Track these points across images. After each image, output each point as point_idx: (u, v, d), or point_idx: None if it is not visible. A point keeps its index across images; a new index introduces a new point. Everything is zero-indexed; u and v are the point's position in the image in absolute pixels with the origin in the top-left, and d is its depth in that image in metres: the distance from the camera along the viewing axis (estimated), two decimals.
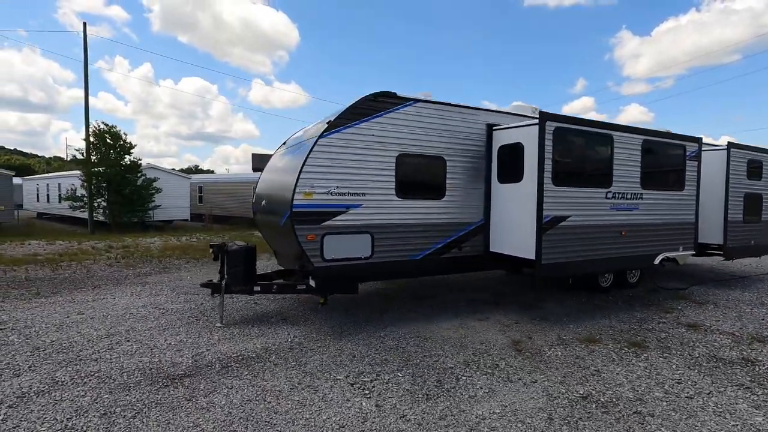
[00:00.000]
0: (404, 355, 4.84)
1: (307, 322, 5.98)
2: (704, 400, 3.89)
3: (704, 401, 3.86)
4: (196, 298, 7.34)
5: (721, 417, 3.60)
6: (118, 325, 5.80)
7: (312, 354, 4.86)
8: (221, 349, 4.97)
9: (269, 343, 5.16)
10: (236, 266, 5.74)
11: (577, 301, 7.28)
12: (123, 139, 21.74)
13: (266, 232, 6.58)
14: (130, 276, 9.22)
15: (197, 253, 12.52)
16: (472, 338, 5.43)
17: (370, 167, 5.52)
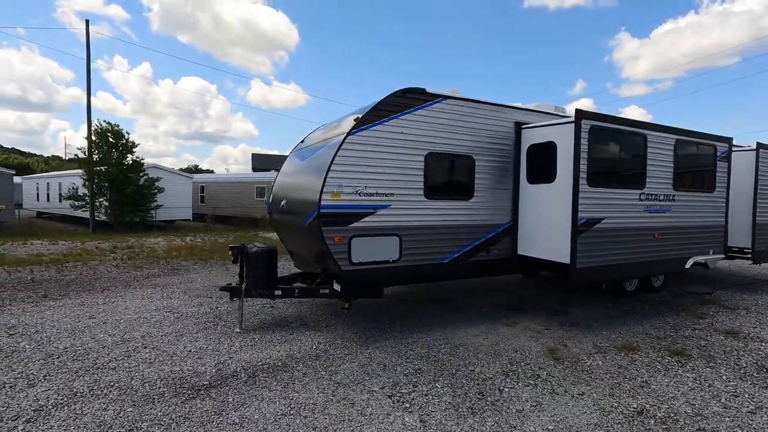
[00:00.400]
0: (438, 364, 4.60)
1: (329, 328, 5.74)
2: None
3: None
4: (209, 301, 7.09)
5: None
6: (133, 330, 5.54)
7: (340, 362, 4.62)
8: (244, 356, 4.72)
9: (293, 351, 4.91)
10: (257, 269, 5.49)
11: (603, 306, 7.06)
12: (126, 138, 21.47)
13: (285, 233, 6.34)
14: (139, 277, 8.96)
15: (204, 254, 12.27)
16: (504, 345, 5.20)
17: (399, 166, 5.29)
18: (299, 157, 6.25)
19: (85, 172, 20.65)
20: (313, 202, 4.92)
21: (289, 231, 6.08)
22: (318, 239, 4.92)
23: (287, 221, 5.99)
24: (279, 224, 6.49)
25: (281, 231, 6.57)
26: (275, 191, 6.78)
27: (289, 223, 5.94)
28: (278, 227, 6.63)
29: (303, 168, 5.73)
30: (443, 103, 5.57)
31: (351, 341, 5.26)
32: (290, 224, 5.90)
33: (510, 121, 6.14)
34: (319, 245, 5.00)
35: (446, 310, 6.67)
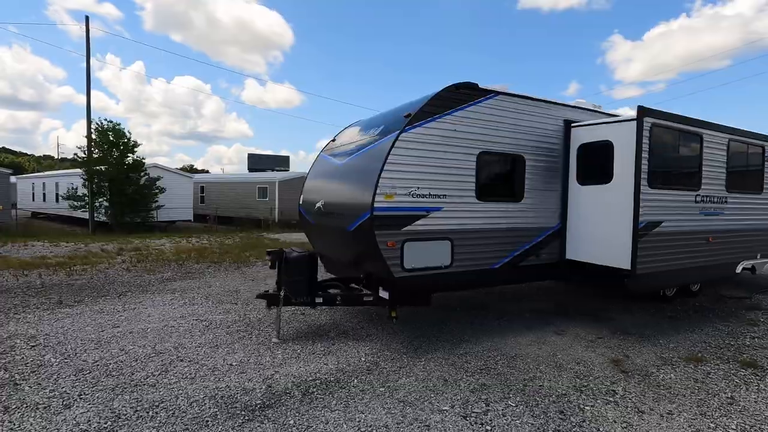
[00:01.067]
0: (501, 378, 4.29)
1: (371, 337, 5.40)
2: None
3: None
4: (235, 308, 6.72)
5: None
6: (163, 340, 5.17)
7: (396, 376, 4.29)
8: (291, 371, 4.37)
9: (341, 363, 4.57)
10: (298, 276, 5.14)
11: (646, 313, 6.79)
12: (127, 137, 20.94)
13: (321, 237, 5.99)
14: (154, 282, 8.56)
15: (215, 256, 11.86)
16: (563, 356, 4.90)
17: (451, 166, 4.97)
18: (336, 157, 5.91)
19: (85, 171, 20.10)
20: (362, 204, 4.58)
21: (327, 235, 5.73)
22: (368, 244, 4.59)
23: (324, 224, 5.64)
24: (312, 227, 6.14)
25: (315, 234, 6.22)
26: (307, 193, 6.44)
27: (326, 227, 5.60)
28: (311, 230, 6.28)
29: (345, 168, 5.39)
30: (495, 100, 5.26)
31: (398, 352, 4.93)
32: (328, 228, 5.55)
33: (558, 119, 5.85)
34: (369, 250, 4.67)
35: (485, 317, 6.36)
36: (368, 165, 4.79)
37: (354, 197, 4.85)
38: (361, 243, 4.77)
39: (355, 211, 4.74)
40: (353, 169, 5.18)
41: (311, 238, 6.47)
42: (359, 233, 4.70)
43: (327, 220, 5.56)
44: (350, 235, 4.93)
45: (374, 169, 4.57)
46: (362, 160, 5.05)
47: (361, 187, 4.75)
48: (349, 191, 5.05)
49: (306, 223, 6.39)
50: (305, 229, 6.57)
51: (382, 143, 4.78)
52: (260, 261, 11.32)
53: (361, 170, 4.96)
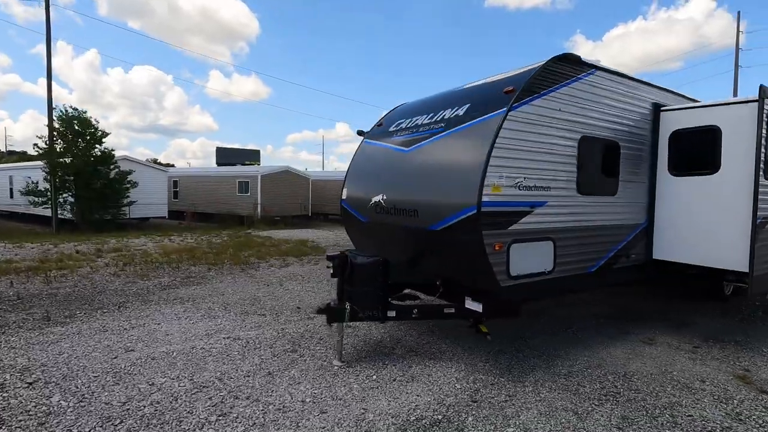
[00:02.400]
0: (636, 406, 3.57)
1: (450, 357, 4.57)
2: None
3: None
4: (265, 320, 5.72)
5: None
6: (199, 369, 4.14)
7: (515, 410, 3.49)
8: (382, 407, 3.49)
9: (437, 393, 3.73)
10: (369, 285, 4.24)
11: (715, 314, 6.30)
12: (94, 127, 19.01)
13: (381, 238, 5.08)
14: (153, 289, 7.37)
15: (210, 257, 10.64)
16: (678, 373, 4.25)
17: (555, 152, 4.20)
18: (396, 143, 5.01)
19: (47, 164, 18.08)
20: (461, 198, 3.74)
21: (390, 235, 4.83)
22: (467, 247, 3.76)
23: (387, 223, 4.75)
24: (365, 226, 5.23)
25: (369, 235, 5.31)
26: (354, 187, 5.51)
27: (389, 226, 4.71)
28: (362, 230, 5.36)
29: (420, 156, 4.51)
30: (595, 76, 4.53)
31: (492, 374, 4.14)
32: (393, 227, 4.67)
33: (647, 102, 5.20)
34: (467, 254, 3.84)
35: (547, 324, 5.67)
36: (465, 150, 3.95)
37: (443, 190, 3.99)
38: (453, 246, 3.93)
39: (447, 207, 3.89)
40: (436, 157, 4.31)
41: (361, 239, 5.55)
42: (453, 234, 3.85)
43: (391, 218, 4.67)
44: (435, 236, 4.07)
45: (478, 155, 3.73)
46: (451, 144, 4.18)
47: (456, 178, 3.90)
48: (432, 183, 4.19)
49: (353, 221, 5.47)
50: (351, 228, 5.65)
51: (481, 124, 3.93)
52: (263, 262, 10.23)
53: (452, 157, 4.10)
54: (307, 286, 7.77)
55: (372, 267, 4.25)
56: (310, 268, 9.65)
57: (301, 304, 6.58)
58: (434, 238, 4.12)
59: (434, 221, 4.06)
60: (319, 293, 7.25)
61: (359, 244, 5.60)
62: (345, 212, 5.62)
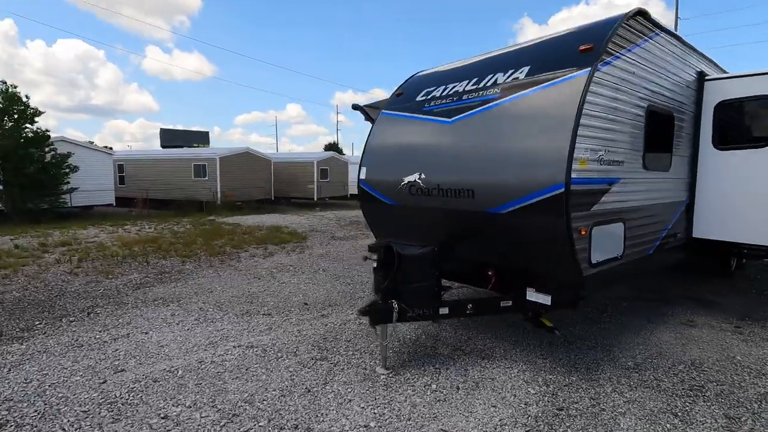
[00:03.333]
0: (730, 399, 3.26)
1: (498, 353, 4.07)
2: None
3: None
4: (274, 321, 4.96)
5: None
6: (219, 390, 3.37)
7: (611, 416, 3.05)
8: (464, 426, 2.93)
9: (519, 404, 3.22)
10: (421, 280, 3.61)
11: (738, 291, 6.27)
12: (25, 104, 16.61)
13: (417, 223, 4.42)
14: (124, 289, 6.30)
15: (180, 249, 9.49)
16: (740, 357, 4.01)
17: (627, 122, 3.72)
18: (430, 113, 4.33)
19: None
20: (546, 175, 3.16)
21: (433, 220, 4.19)
22: (545, 232, 3.23)
23: (426, 206, 4.11)
24: (395, 211, 4.56)
25: (400, 220, 4.63)
26: (377, 166, 4.81)
27: (431, 210, 4.08)
28: (392, 214, 4.68)
29: (475, 127, 3.86)
30: (660, 38, 4.07)
31: (562, 374, 3.69)
32: (435, 211, 4.04)
33: (693, 70, 4.85)
34: (544, 241, 3.30)
35: (582, 310, 5.35)
36: (540, 119, 3.36)
37: (514, 166, 3.40)
38: (525, 231, 3.38)
39: (520, 186, 3.31)
40: (495, 128, 3.68)
41: (387, 226, 4.87)
42: (527, 217, 3.29)
43: (433, 201, 4.04)
44: (498, 220, 3.50)
45: (561, 124, 3.15)
46: (515, 113, 3.57)
47: (533, 152, 3.32)
48: (494, 159, 3.58)
49: (376, 205, 4.77)
50: (373, 213, 4.95)
51: (557, 87, 3.35)
52: (242, 252, 9.26)
53: (522, 128, 3.49)
54: (303, 278, 7.00)
55: (425, 258, 3.62)
56: (298, 257, 8.83)
57: (307, 299, 5.83)
58: (497, 222, 3.55)
59: (498, 203, 3.48)
60: (322, 285, 6.52)
61: (385, 232, 4.92)
62: (365, 195, 4.91)
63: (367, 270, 7.46)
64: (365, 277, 7.03)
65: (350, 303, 5.63)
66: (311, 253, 9.20)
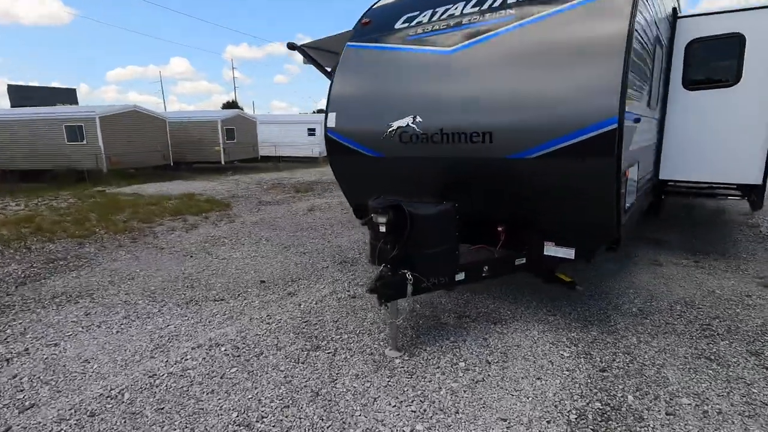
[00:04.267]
0: (740, 336, 3.28)
1: (509, 316, 3.72)
2: None
3: None
4: (227, 306, 4.04)
5: None
6: (197, 412, 2.49)
7: (655, 368, 2.85)
8: (522, 409, 2.49)
9: (561, 373, 2.87)
10: (439, 243, 3.00)
11: (668, 227, 6.72)
12: None
13: (414, 177, 3.71)
14: (3, 286, 4.75)
15: (69, 228, 7.65)
16: (720, 291, 4.17)
17: (647, 51, 3.36)
18: (427, 42, 3.57)
19: None
20: (593, 110, 2.67)
21: (434, 172, 3.54)
22: (589, 176, 2.79)
23: (429, 156, 3.45)
24: (382, 163, 3.80)
25: (387, 174, 3.89)
26: (350, 111, 3.96)
27: (435, 159, 3.43)
28: (376, 168, 3.91)
29: (488, 56, 3.19)
30: None
31: (583, 331, 3.44)
32: (442, 161, 3.41)
33: (670, 5, 4.69)
34: (583, 187, 2.87)
35: None
36: (575, 45, 2.80)
37: (547, 101, 2.85)
38: (559, 177, 2.91)
39: (557, 125, 2.80)
40: (515, 56, 3.06)
41: (367, 182, 4.09)
42: (565, 160, 2.81)
43: (434, 149, 3.38)
44: (523, 166, 2.99)
45: (605, 51, 2.65)
46: (540, 37, 2.97)
47: (568, 82, 2.78)
48: (518, 93, 2.99)
49: (353, 158, 3.97)
50: (352, 167, 4.12)
51: (589, 6, 2.81)
52: (156, 226, 7.76)
53: (551, 55, 2.90)
54: (246, 252, 5.98)
55: (444, 217, 3.00)
56: (229, 227, 7.63)
57: (262, 275, 4.92)
58: (521, 169, 3.03)
59: (525, 146, 2.95)
60: (272, 258, 5.60)
61: (364, 190, 4.15)
62: (336, 146, 4.05)
63: (321, 237, 6.65)
64: (319, 244, 6.24)
65: (316, 276, 4.86)
66: (243, 221, 8.04)
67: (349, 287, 4.46)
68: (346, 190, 4.37)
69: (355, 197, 4.30)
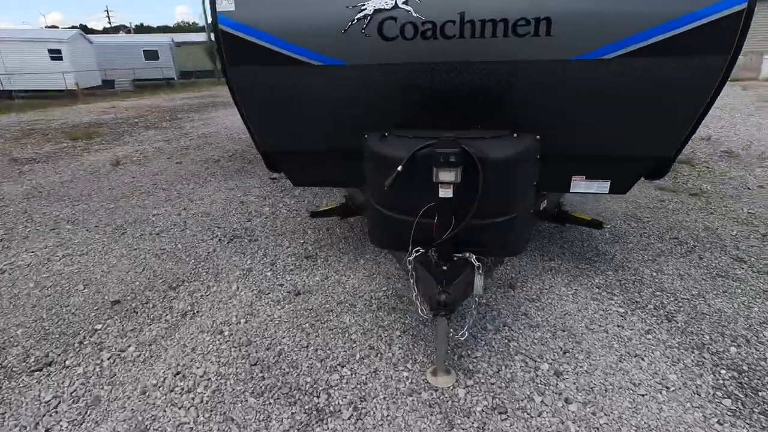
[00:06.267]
0: (671, 248, 3.34)
1: (536, 288, 2.98)
2: None
3: None
4: (57, 382, 2.10)
5: None
6: None
7: (728, 312, 2.56)
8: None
9: (664, 341, 2.30)
10: (515, 204, 1.87)
11: None
12: None
13: (407, 96, 2.26)
14: None
15: None
16: (707, 225, 4.34)
17: None
18: None
19: None
20: None
21: (438, 86, 2.20)
22: (684, 80, 2.05)
23: (429, 62, 2.12)
24: (345, 74, 2.23)
25: (350, 92, 2.32)
26: None
27: (445, 66, 2.13)
28: (327, 84, 2.30)
29: None
30: None
31: (611, 278, 2.96)
32: (451, 69, 2.14)
33: None
34: (666, 98, 2.12)
35: None
36: None
37: None
38: (640, 84, 2.08)
39: (646, 8, 1.90)
40: None
41: (314, 107, 2.40)
42: (656, 61, 1.98)
43: (443, 48, 2.08)
44: (600, 70, 2.05)
45: None
46: None
47: None
48: None
49: (283, 69, 2.26)
50: (274, 83, 2.35)
51: None
52: None
53: None
54: (43, 251, 3.51)
55: (525, 162, 1.86)
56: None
57: (108, 290, 2.86)
58: (588, 77, 2.08)
59: (600, 41, 1.98)
60: (106, 254, 3.40)
61: (298, 123, 2.49)
62: (242, 50, 2.24)
63: (167, 203, 4.42)
64: (174, 216, 4.17)
65: (207, 269, 3.10)
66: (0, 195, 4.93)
67: (278, 277, 2.94)
68: (257, 126, 2.61)
69: (274, 137, 2.63)
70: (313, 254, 3.26)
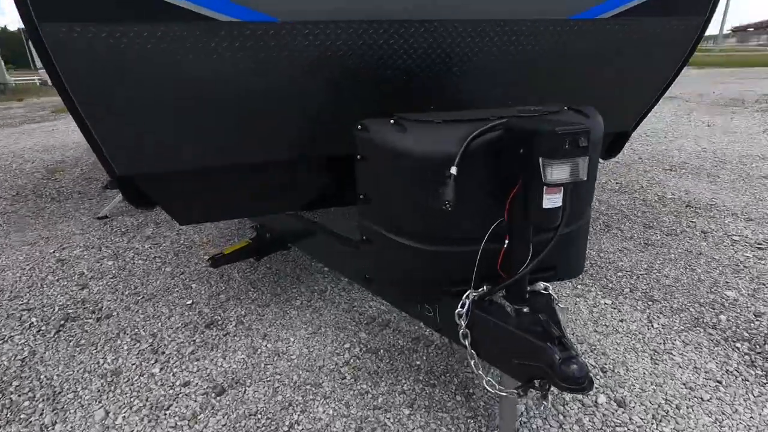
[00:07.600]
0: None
1: None
2: None
3: None
4: None
5: None
6: None
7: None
8: None
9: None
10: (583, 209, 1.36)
11: None
12: None
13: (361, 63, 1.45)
14: None
15: None
16: None
17: None
18: None
19: None
20: None
21: (410, 52, 1.52)
22: (659, 45, 1.90)
23: (408, 17, 1.46)
24: (276, 41, 1.34)
25: (280, 61, 1.40)
26: None
27: (417, 25, 1.49)
28: (244, 52, 1.35)
29: None
30: None
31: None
32: (430, 28, 1.52)
33: None
34: (640, 60, 1.96)
35: None
36: None
37: None
38: (621, 46, 1.85)
39: None
40: None
41: (215, 89, 1.38)
42: (641, 21, 1.78)
43: (417, 2, 1.48)
44: (597, 30, 1.75)
45: None
46: None
47: None
48: None
49: (164, 30, 1.27)
50: (145, 55, 1.29)
51: None
52: None
53: None
54: None
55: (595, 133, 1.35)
56: None
57: None
58: (584, 37, 1.76)
59: None
60: None
61: (182, 120, 1.47)
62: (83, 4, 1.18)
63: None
64: None
65: None
66: None
67: (175, 372, 1.86)
68: (110, 132, 1.46)
69: (146, 149, 1.55)
70: (215, 318, 2.22)
